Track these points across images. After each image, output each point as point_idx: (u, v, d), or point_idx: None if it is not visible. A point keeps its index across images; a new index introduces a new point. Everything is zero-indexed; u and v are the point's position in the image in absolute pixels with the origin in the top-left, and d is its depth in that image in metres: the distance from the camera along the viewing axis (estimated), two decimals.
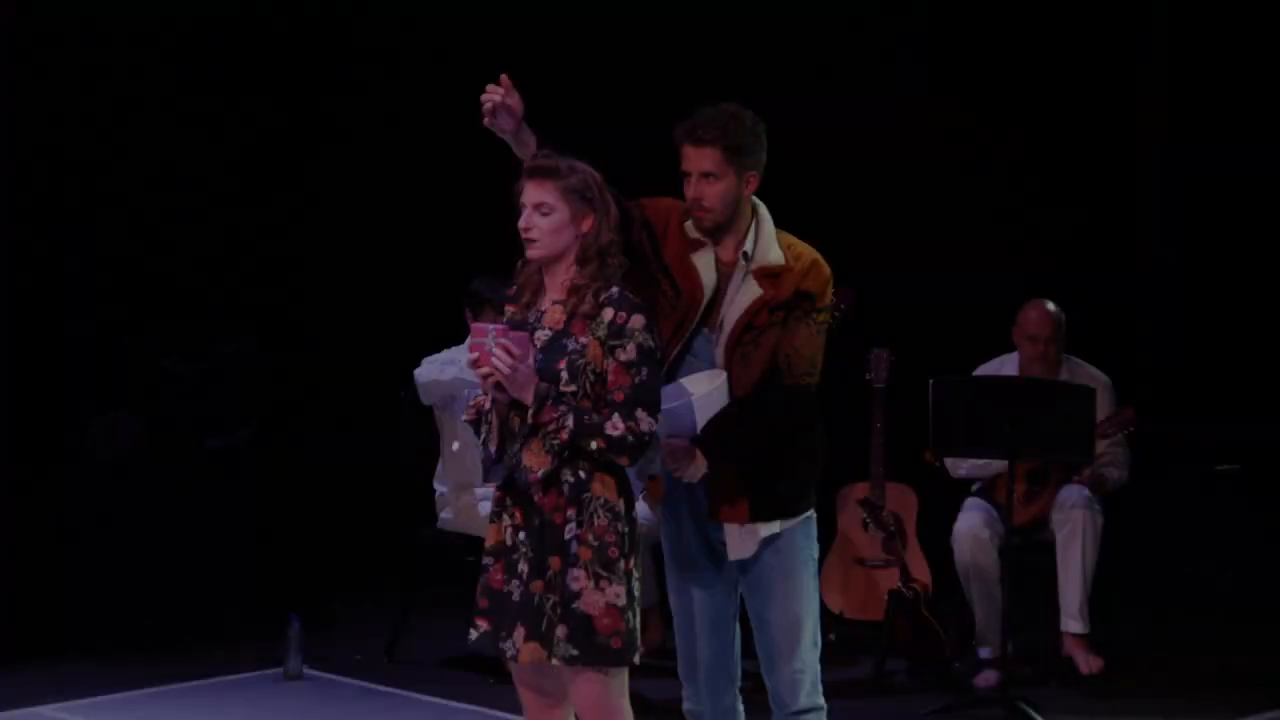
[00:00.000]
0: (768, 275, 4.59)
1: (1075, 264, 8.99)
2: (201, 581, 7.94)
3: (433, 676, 7.03)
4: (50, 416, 7.73)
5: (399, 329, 8.89)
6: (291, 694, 6.77)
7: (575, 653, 4.28)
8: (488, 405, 4.38)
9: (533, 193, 4.40)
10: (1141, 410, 7.02)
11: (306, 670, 6.95)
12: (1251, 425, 8.76)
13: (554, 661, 4.29)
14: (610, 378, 4.31)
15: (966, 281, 8.98)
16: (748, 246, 4.61)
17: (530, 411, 4.28)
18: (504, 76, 4.58)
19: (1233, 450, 7.93)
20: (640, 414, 4.30)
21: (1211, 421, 8.87)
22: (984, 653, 6.93)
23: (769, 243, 4.62)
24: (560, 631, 4.27)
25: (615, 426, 4.29)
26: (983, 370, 7.19)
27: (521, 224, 4.38)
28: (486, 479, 4.49)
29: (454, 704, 6.64)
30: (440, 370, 6.87)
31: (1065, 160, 9.05)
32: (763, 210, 4.68)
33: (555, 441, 4.28)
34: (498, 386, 4.31)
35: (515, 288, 4.48)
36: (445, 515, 7.06)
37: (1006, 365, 7.15)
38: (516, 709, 6.36)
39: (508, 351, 4.24)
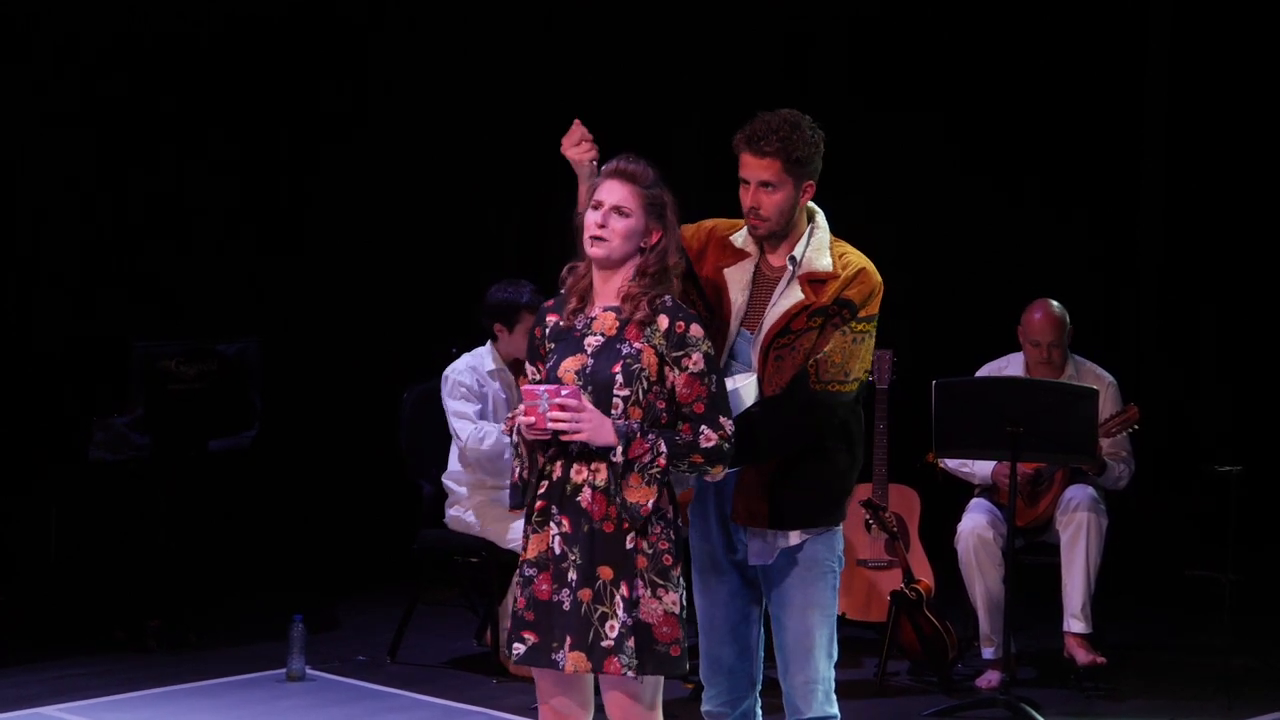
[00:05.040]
0: (813, 281, 4.60)
1: (1078, 263, 9.01)
2: (204, 582, 7.94)
3: (436, 677, 7.03)
4: (51, 417, 7.72)
5: (399, 329, 8.91)
6: (294, 695, 6.77)
7: (636, 662, 4.25)
8: (515, 438, 4.36)
9: (615, 192, 4.36)
10: (1144, 409, 7.01)
11: (309, 671, 6.95)
12: (1253, 425, 8.79)
13: (626, 674, 4.25)
14: (683, 390, 4.31)
15: (969, 281, 8.99)
16: (796, 252, 4.61)
17: (619, 451, 4.25)
18: (577, 121, 4.67)
19: (1233, 450, 7.93)
20: (723, 420, 4.31)
21: (1213, 421, 8.90)
22: (986, 653, 6.93)
23: (820, 250, 4.63)
24: (630, 643, 4.24)
25: (708, 439, 4.30)
26: (987, 369, 7.18)
27: (597, 220, 4.35)
28: (512, 506, 4.47)
29: (457, 705, 6.64)
30: (481, 436, 6.84)
31: (1067, 159, 9.06)
32: (820, 218, 4.70)
33: (654, 471, 4.26)
34: (536, 431, 4.28)
35: (559, 293, 4.45)
36: (453, 512, 7.03)
37: (1011, 364, 7.14)
38: (519, 710, 6.41)
39: (564, 409, 4.22)
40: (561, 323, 4.43)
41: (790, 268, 4.62)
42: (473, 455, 6.84)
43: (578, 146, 4.66)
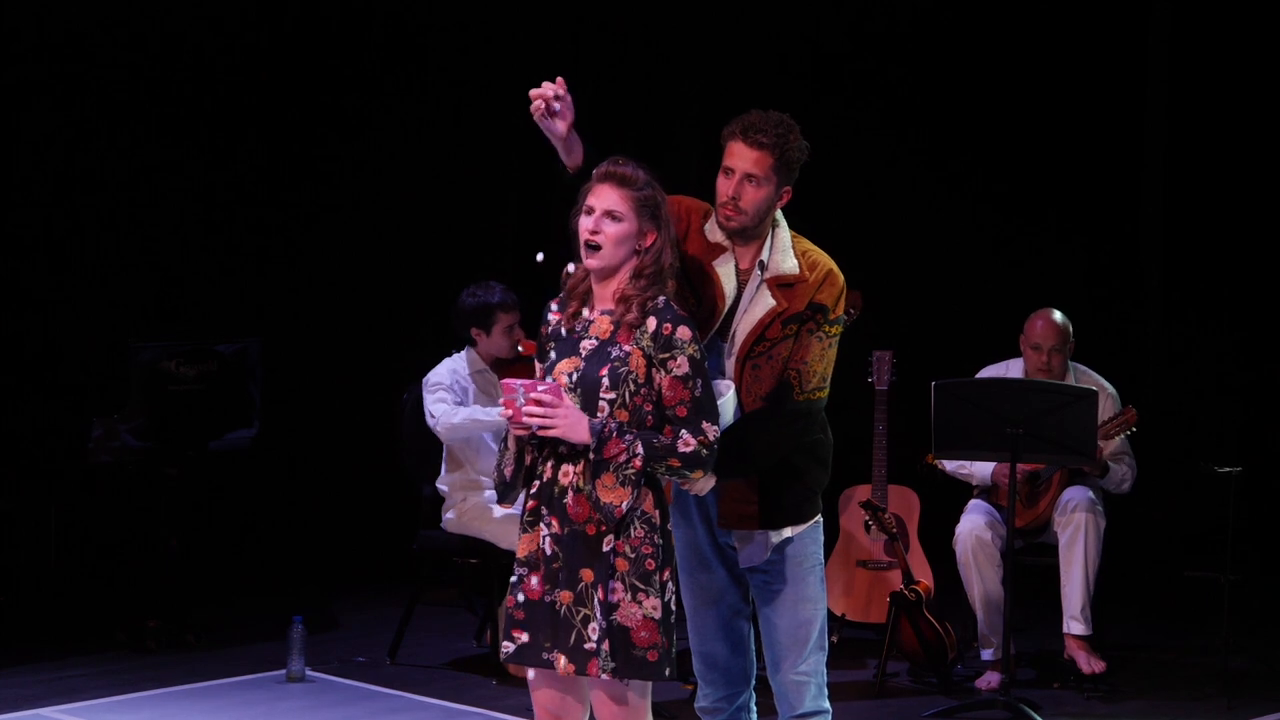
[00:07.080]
0: (782, 285, 4.56)
1: (1079, 265, 9.01)
2: (203, 583, 7.94)
3: (435, 678, 7.03)
4: (51, 418, 7.73)
5: (399, 330, 8.91)
6: (294, 696, 6.77)
7: (612, 665, 4.25)
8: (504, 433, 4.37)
9: (606, 197, 4.33)
10: (1144, 410, 7.02)
11: (309, 672, 6.95)
12: (1252, 426, 8.80)
13: (602, 676, 4.25)
14: (667, 393, 4.29)
15: (969, 284, 9.00)
16: (764, 256, 4.57)
17: (591, 449, 4.24)
18: (560, 80, 4.51)
19: (1233, 451, 7.95)
20: (705, 425, 4.28)
21: (1212, 422, 8.90)
22: (986, 655, 6.94)
23: (785, 252, 4.59)
24: (604, 645, 4.24)
25: (687, 443, 4.27)
26: (987, 372, 7.16)
27: (590, 227, 4.32)
28: (500, 501, 4.45)
29: (456, 706, 6.64)
30: (454, 414, 6.84)
31: (1069, 162, 9.06)
32: (780, 218, 4.65)
33: (629, 472, 4.25)
34: (516, 426, 4.29)
35: (561, 295, 4.45)
36: (450, 515, 7.07)
37: (1012, 370, 7.13)
38: (519, 711, 6.41)
39: (540, 404, 4.22)
40: (563, 324, 4.43)
41: (758, 273, 4.58)
42: (443, 431, 6.87)
43: (533, 103, 4.49)
